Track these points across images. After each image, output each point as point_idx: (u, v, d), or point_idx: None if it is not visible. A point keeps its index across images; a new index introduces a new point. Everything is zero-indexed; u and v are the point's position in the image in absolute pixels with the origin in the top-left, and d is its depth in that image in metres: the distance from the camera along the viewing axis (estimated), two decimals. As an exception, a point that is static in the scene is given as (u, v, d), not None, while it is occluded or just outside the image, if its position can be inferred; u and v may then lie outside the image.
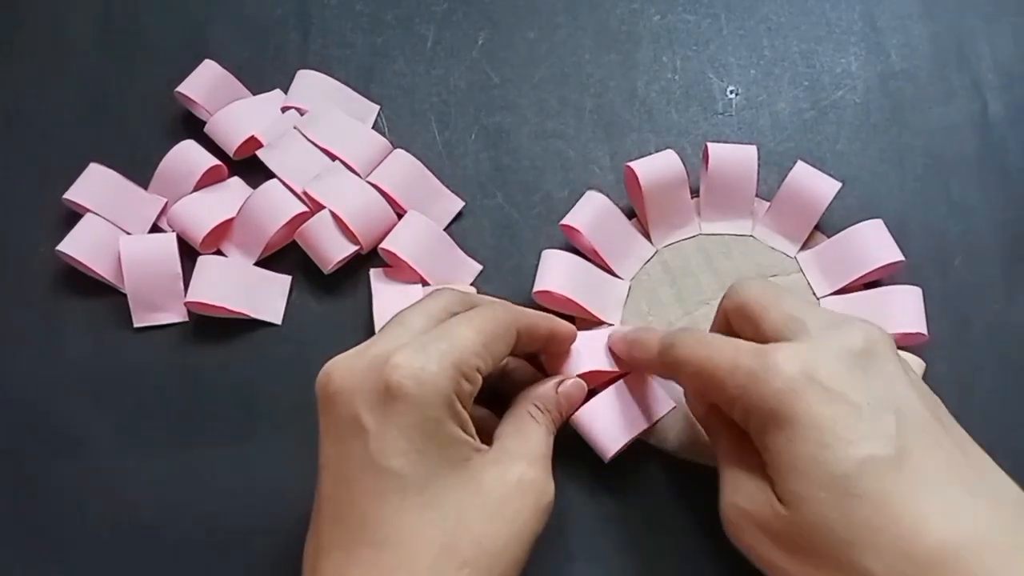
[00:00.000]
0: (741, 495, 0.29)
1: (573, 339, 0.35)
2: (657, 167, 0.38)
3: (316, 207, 0.39)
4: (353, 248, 0.39)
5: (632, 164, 0.38)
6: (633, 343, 0.34)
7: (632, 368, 0.35)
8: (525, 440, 0.31)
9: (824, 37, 0.44)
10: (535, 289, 0.37)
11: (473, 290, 0.39)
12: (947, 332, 0.38)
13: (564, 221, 0.38)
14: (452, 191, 0.41)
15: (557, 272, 0.37)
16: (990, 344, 0.38)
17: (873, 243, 0.37)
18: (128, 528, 0.36)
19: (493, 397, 0.34)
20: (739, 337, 0.31)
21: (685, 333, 0.31)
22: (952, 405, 0.37)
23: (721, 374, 0.29)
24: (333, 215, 0.39)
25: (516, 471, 0.29)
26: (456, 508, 0.28)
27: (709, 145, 0.39)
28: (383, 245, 0.39)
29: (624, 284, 0.39)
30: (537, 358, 0.36)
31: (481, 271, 0.40)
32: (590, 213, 0.38)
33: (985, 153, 0.42)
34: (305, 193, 0.39)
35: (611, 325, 0.38)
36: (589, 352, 0.35)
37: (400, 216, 0.40)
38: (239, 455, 0.37)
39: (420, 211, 0.40)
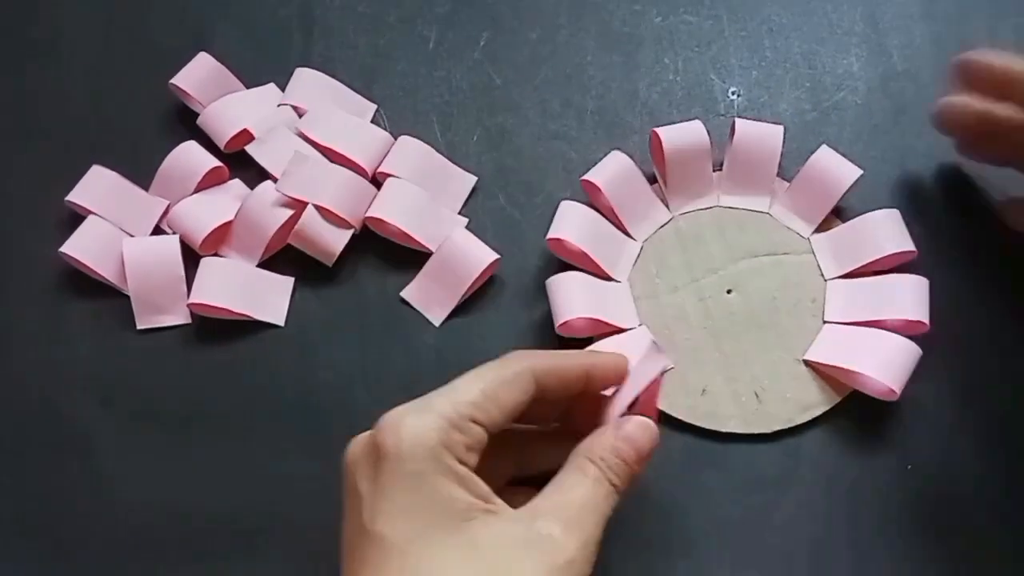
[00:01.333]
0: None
1: (623, 372, 0.31)
2: (682, 134, 0.39)
3: (300, 204, 0.39)
4: (348, 233, 0.39)
5: (658, 129, 0.39)
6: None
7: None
8: (558, 493, 0.28)
9: (826, 38, 0.44)
10: (548, 236, 0.38)
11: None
12: (949, 333, 0.38)
13: (586, 176, 0.39)
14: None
15: (572, 222, 0.38)
16: (992, 344, 0.38)
17: (886, 232, 0.38)
18: (130, 528, 0.36)
19: None
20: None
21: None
22: (953, 407, 0.37)
23: None
24: (318, 208, 0.39)
25: (523, 529, 0.26)
26: (442, 571, 0.25)
27: (736, 120, 0.40)
28: (368, 214, 0.39)
29: (636, 245, 0.39)
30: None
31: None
32: (612, 172, 0.39)
33: (987, 154, 0.42)
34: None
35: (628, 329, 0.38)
36: (581, 297, 0.36)
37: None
38: (241, 456, 0.37)
39: (435, 193, 0.40)
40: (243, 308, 0.39)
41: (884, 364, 0.35)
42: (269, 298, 0.40)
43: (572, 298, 0.37)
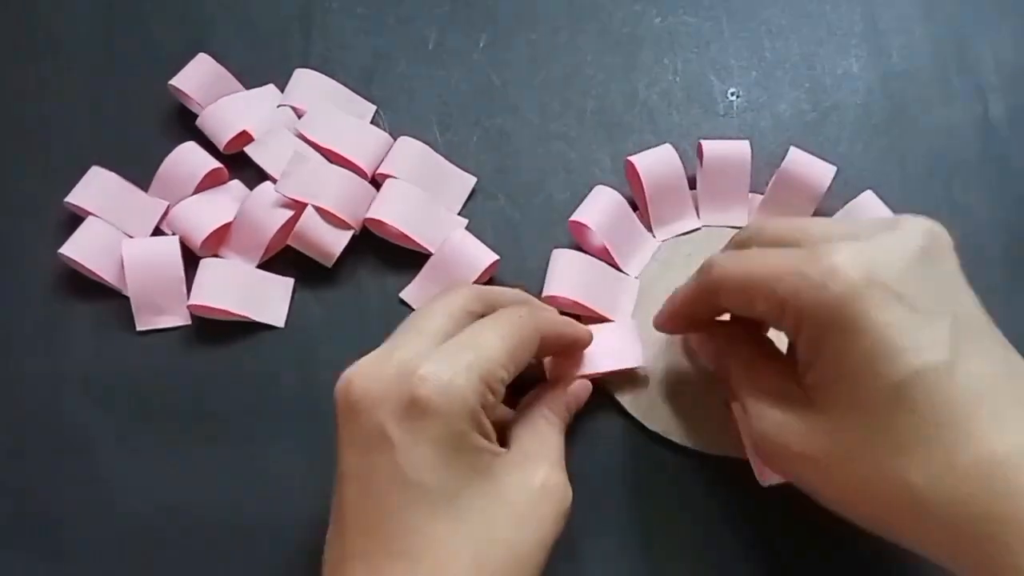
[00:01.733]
0: (768, 421, 0.28)
1: (590, 343, 0.35)
2: (656, 160, 0.39)
3: (300, 205, 0.39)
4: (348, 234, 0.39)
5: (632, 158, 0.39)
6: (672, 300, 0.33)
7: (678, 328, 0.35)
8: (543, 442, 0.31)
9: (825, 39, 0.44)
10: (545, 293, 0.37)
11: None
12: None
13: (574, 217, 0.38)
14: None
15: (567, 274, 0.37)
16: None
17: (868, 213, 0.38)
18: (130, 530, 0.36)
19: None
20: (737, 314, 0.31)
21: (720, 254, 0.31)
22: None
23: (770, 280, 0.28)
24: (317, 209, 0.39)
25: (539, 476, 0.29)
26: (483, 518, 0.28)
27: (703, 142, 0.39)
28: (367, 215, 0.39)
29: (634, 281, 0.39)
30: None
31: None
32: (600, 209, 0.38)
33: (987, 155, 0.42)
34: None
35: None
36: (599, 350, 0.36)
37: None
38: (242, 458, 0.37)
39: (435, 194, 0.40)
40: (242, 310, 0.39)
41: None
42: (269, 299, 0.40)
43: (567, 275, 0.37)
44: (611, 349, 0.36)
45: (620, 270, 0.39)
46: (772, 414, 0.28)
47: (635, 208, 0.40)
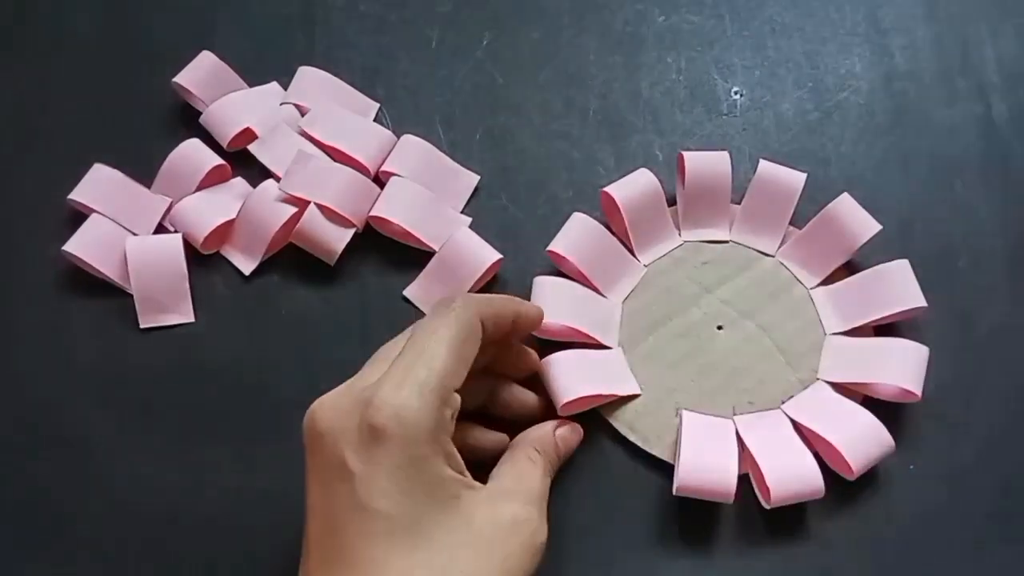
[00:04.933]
0: None
1: (540, 319, 0.35)
2: (633, 187, 0.38)
3: (303, 203, 0.39)
4: (351, 232, 0.39)
5: (607, 188, 0.38)
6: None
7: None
8: (520, 480, 0.31)
9: (828, 38, 0.44)
10: (549, 248, 0.37)
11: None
12: (951, 334, 0.38)
13: (551, 247, 0.38)
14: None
15: (553, 300, 0.37)
16: (994, 346, 0.38)
17: (895, 287, 0.36)
18: (132, 528, 0.36)
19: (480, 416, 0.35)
20: None
21: None
22: (955, 408, 0.37)
23: None
24: (320, 206, 0.39)
25: (509, 510, 0.29)
26: (446, 548, 0.27)
27: (684, 154, 0.39)
28: (371, 213, 0.39)
29: (616, 306, 0.39)
30: (533, 381, 0.36)
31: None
32: (576, 237, 0.38)
33: (989, 155, 0.42)
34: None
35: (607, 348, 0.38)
36: (579, 374, 0.35)
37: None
38: (243, 456, 0.37)
39: (437, 192, 0.40)
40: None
41: (901, 370, 0.35)
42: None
43: (558, 303, 0.37)
44: (606, 375, 0.36)
45: (602, 295, 0.38)
46: None
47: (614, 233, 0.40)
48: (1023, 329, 0.38)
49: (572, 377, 0.35)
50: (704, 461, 0.33)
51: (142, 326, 0.39)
